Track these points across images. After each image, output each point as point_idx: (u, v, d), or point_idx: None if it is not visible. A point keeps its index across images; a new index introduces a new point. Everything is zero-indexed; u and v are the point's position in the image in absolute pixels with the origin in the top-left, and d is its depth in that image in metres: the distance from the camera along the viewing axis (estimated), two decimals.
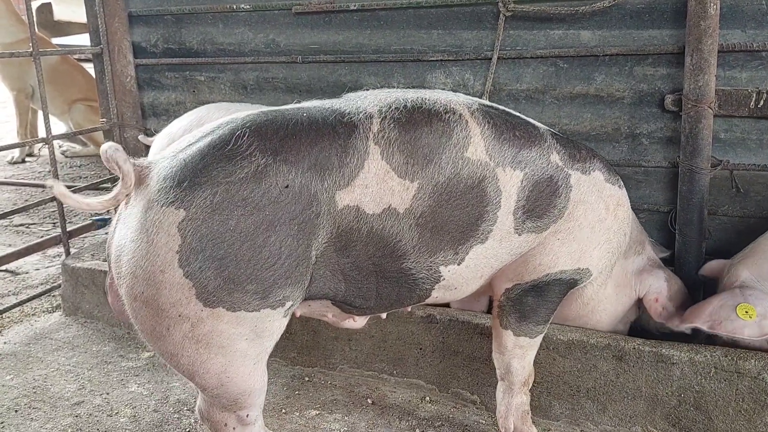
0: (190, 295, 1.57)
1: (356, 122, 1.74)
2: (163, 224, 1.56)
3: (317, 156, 1.66)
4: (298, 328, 2.74)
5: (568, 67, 2.76)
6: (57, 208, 3.42)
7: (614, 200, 2.09)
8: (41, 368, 2.85)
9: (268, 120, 1.69)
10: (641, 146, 2.74)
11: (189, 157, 1.62)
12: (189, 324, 1.61)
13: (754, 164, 2.58)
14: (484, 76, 2.89)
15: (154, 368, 2.82)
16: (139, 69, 3.60)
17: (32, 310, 3.43)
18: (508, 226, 1.90)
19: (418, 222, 1.77)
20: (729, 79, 2.54)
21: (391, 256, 1.79)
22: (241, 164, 1.59)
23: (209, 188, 1.56)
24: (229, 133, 1.64)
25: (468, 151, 1.81)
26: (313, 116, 1.72)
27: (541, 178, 1.92)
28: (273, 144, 1.63)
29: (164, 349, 1.67)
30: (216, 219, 1.56)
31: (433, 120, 1.80)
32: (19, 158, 6.91)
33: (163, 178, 1.60)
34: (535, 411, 2.37)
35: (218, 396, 1.76)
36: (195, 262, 1.55)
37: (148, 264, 1.57)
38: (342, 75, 3.16)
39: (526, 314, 2.06)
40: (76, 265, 3.26)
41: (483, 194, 1.83)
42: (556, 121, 2.82)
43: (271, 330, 1.70)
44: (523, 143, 1.90)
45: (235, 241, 1.57)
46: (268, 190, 1.59)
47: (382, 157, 1.72)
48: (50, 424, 2.45)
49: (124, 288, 1.63)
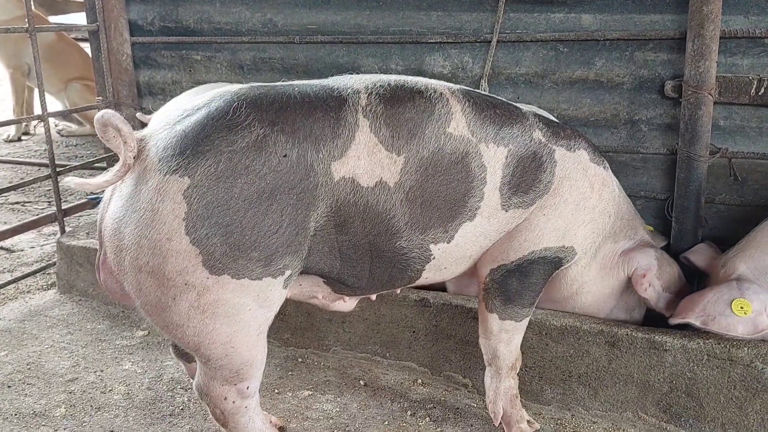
0: (197, 263, 1.59)
1: (345, 96, 1.78)
2: (168, 192, 1.57)
3: (312, 127, 1.69)
4: (292, 310, 2.74)
5: (568, 51, 2.74)
6: (52, 186, 3.41)
7: (599, 180, 2.12)
8: (35, 345, 2.85)
9: (261, 93, 1.72)
10: (640, 133, 2.72)
11: (188, 127, 1.63)
12: (195, 293, 1.62)
13: (753, 152, 2.57)
14: (483, 59, 2.87)
15: (148, 347, 2.82)
16: (136, 47, 3.57)
17: (27, 288, 3.43)
18: (494, 202, 1.93)
19: (408, 197, 1.81)
20: (730, 65, 2.53)
21: (386, 234, 1.82)
22: (241, 134, 1.62)
23: (212, 156, 1.59)
24: (226, 105, 1.66)
25: (450, 127, 1.85)
26: (304, 91, 1.76)
27: (525, 154, 1.96)
28: (270, 115, 1.66)
29: (169, 320, 1.68)
30: (221, 186, 1.58)
31: (416, 96, 1.85)
32: (15, 136, 6.88)
33: (163, 148, 1.61)
34: (526, 395, 2.38)
35: (222, 367, 1.77)
36: (201, 229, 1.58)
37: (153, 233, 1.58)
38: (340, 56, 3.14)
39: (511, 297, 2.07)
40: (71, 244, 3.26)
41: (467, 170, 1.87)
42: (554, 106, 2.80)
43: (272, 300, 1.73)
44: (504, 121, 1.94)
45: (240, 208, 1.60)
46: (269, 159, 1.63)
47: (370, 129, 1.76)
48: (44, 400, 2.45)
49: (128, 260, 1.63)
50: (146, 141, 1.65)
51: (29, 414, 2.38)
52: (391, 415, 2.36)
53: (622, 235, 2.33)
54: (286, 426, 2.29)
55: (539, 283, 2.10)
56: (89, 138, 6.91)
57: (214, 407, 1.87)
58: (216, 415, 1.88)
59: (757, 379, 2.11)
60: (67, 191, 5.02)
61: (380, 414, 2.37)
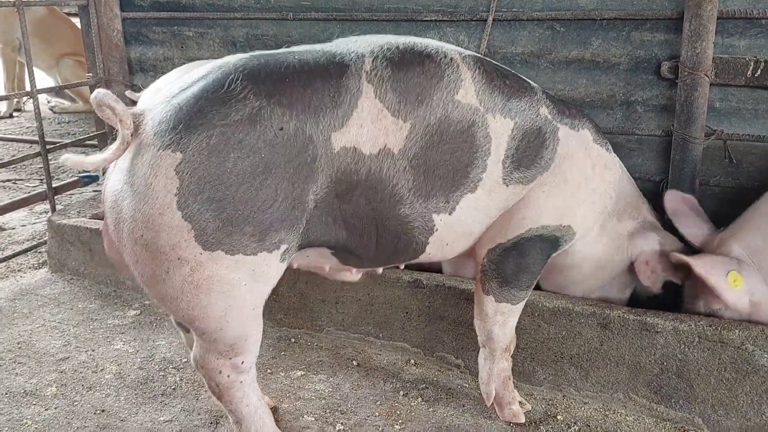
0: (189, 238, 1.59)
1: (348, 62, 1.75)
2: (161, 167, 1.57)
3: (311, 98, 1.67)
4: (285, 291, 2.73)
5: (565, 30, 2.71)
6: (43, 164, 3.37)
7: (602, 161, 2.11)
8: (26, 324, 2.84)
9: (260, 64, 1.69)
10: (635, 114, 2.70)
11: (183, 101, 1.62)
12: (188, 267, 1.62)
13: (748, 134, 2.56)
14: (478, 38, 2.84)
15: (139, 326, 2.82)
16: (126, 23, 3.52)
17: (18, 266, 3.41)
18: (496, 175, 1.91)
19: (412, 164, 1.79)
20: (727, 46, 2.50)
21: (390, 201, 1.80)
22: (235, 107, 1.61)
23: (205, 131, 1.58)
24: (223, 77, 1.65)
25: (458, 94, 1.82)
26: (304, 59, 1.73)
27: (530, 128, 1.94)
28: (266, 87, 1.64)
29: (164, 293, 1.68)
30: (213, 161, 1.57)
31: (425, 61, 1.81)
32: (6, 113, 6.82)
33: (158, 122, 1.61)
34: (518, 376, 2.38)
35: (216, 341, 1.77)
36: (193, 204, 1.57)
37: (147, 207, 1.58)
38: (333, 33, 3.09)
39: (508, 279, 2.06)
40: (62, 222, 3.23)
41: (473, 139, 1.85)
42: (550, 86, 2.77)
43: (268, 274, 1.73)
44: (513, 92, 1.91)
45: (233, 183, 1.58)
46: (263, 133, 1.61)
47: (375, 95, 1.74)
48: (35, 379, 2.45)
49: (125, 232, 1.64)
50: (144, 115, 1.65)
51: (20, 393, 2.37)
52: (384, 395, 2.37)
53: (626, 215, 2.32)
54: (278, 406, 2.29)
55: (537, 265, 2.09)
56: (82, 115, 6.84)
57: (209, 380, 1.87)
58: (212, 387, 1.89)
59: (748, 361, 2.11)
60: (59, 169, 4.97)
61: (373, 394, 2.37)
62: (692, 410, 2.21)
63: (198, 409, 2.28)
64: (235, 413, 1.91)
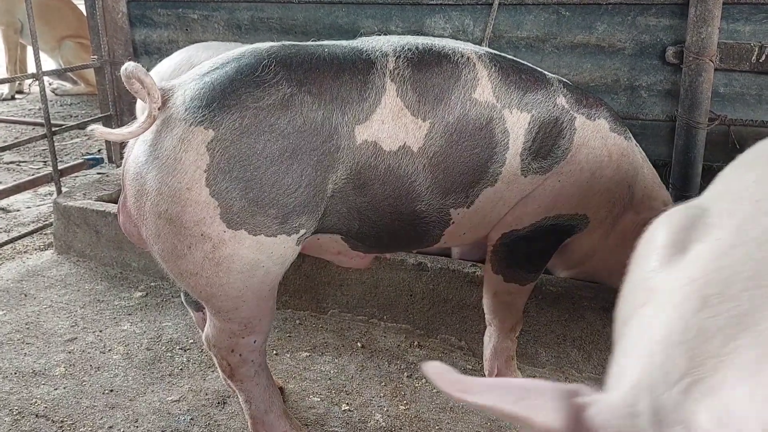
0: (215, 215, 1.61)
1: (373, 59, 1.78)
2: (192, 143, 1.59)
3: (339, 89, 1.70)
4: (291, 273, 2.76)
5: (570, 15, 2.71)
6: (48, 146, 3.38)
7: (618, 150, 2.10)
8: (34, 305, 2.87)
9: (292, 52, 1.72)
10: (640, 99, 2.71)
11: (216, 80, 1.64)
12: (211, 244, 1.64)
13: (752, 120, 2.57)
14: (484, 22, 2.84)
15: (146, 307, 2.84)
16: (131, 5, 3.52)
17: (24, 248, 3.43)
18: (515, 167, 1.94)
19: (431, 162, 1.82)
20: (732, 32, 2.51)
21: (407, 197, 1.83)
22: (268, 91, 1.63)
23: (238, 111, 1.60)
24: (256, 62, 1.67)
25: (476, 93, 1.85)
26: (333, 52, 1.76)
27: (547, 120, 1.95)
28: (298, 75, 1.67)
29: (184, 269, 1.70)
30: (244, 141, 1.60)
31: (443, 61, 1.84)
32: (9, 95, 6.81)
33: (190, 98, 1.62)
34: (522, 358, 2.41)
35: (231, 320, 1.80)
36: (222, 182, 1.59)
37: (174, 181, 1.60)
38: (339, 17, 3.10)
39: (519, 261, 2.08)
40: (68, 204, 3.25)
41: (491, 136, 1.87)
42: (555, 71, 2.78)
43: (285, 257, 1.75)
44: (529, 86, 1.93)
45: (261, 165, 1.61)
46: (293, 119, 1.64)
47: (397, 94, 1.77)
48: (43, 359, 2.48)
49: (149, 205, 1.65)
50: (174, 91, 1.67)
51: (29, 373, 2.40)
52: (388, 376, 2.40)
53: (644, 206, 2.29)
54: (285, 386, 2.33)
55: (548, 250, 2.11)
56: (84, 97, 6.84)
57: (221, 359, 1.90)
58: (223, 367, 1.91)
59: None
60: (63, 151, 4.99)
61: (377, 375, 2.40)
62: None
63: (205, 389, 2.32)
64: (246, 392, 1.94)
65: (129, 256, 3.09)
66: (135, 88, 1.60)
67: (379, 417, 2.19)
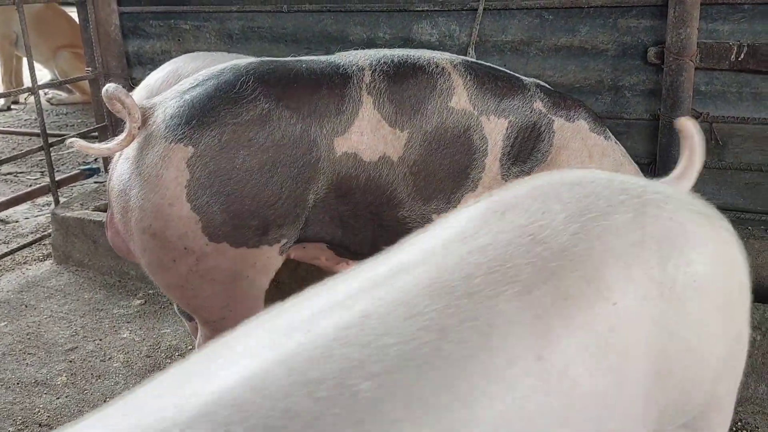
0: (197, 229, 1.66)
1: (350, 73, 1.83)
2: (173, 159, 1.64)
3: (317, 103, 1.75)
4: (286, 278, 2.80)
5: (553, 18, 2.77)
6: (45, 157, 3.43)
7: (599, 149, 2.15)
8: (34, 315, 2.92)
9: (270, 68, 1.77)
10: (623, 98, 2.77)
11: (195, 97, 1.69)
12: (194, 258, 1.69)
13: (733, 116, 2.62)
14: (470, 27, 2.89)
15: (145, 315, 2.89)
16: (124, 17, 3.57)
17: (23, 259, 3.47)
18: (495, 172, 1.99)
19: (412, 170, 1.87)
20: (711, 31, 2.56)
21: (388, 205, 1.88)
22: (246, 107, 1.68)
23: (217, 128, 1.65)
24: (234, 78, 1.72)
25: (452, 101, 1.90)
26: (311, 67, 1.82)
27: (525, 124, 2.00)
28: (276, 90, 1.72)
29: (170, 282, 1.76)
30: (224, 157, 1.64)
31: (418, 72, 1.89)
32: (4, 106, 6.85)
33: (170, 116, 1.67)
34: None
35: (219, 329, 1.84)
36: (203, 197, 1.64)
37: (156, 197, 1.65)
38: (328, 25, 3.15)
39: None
40: (66, 215, 3.30)
41: (470, 142, 1.92)
42: (540, 73, 2.83)
43: (269, 266, 1.80)
44: (505, 92, 1.98)
45: (241, 179, 1.66)
46: (272, 133, 1.68)
47: (374, 106, 1.82)
48: (45, 369, 2.53)
49: (133, 221, 1.70)
50: (154, 108, 1.71)
51: (31, 383, 2.45)
52: None
53: None
54: None
55: None
56: (79, 106, 6.88)
57: None
58: None
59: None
60: (59, 161, 5.03)
61: None
62: None
63: None
64: None
65: (127, 265, 3.14)
66: (116, 108, 1.65)
67: None
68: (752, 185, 2.72)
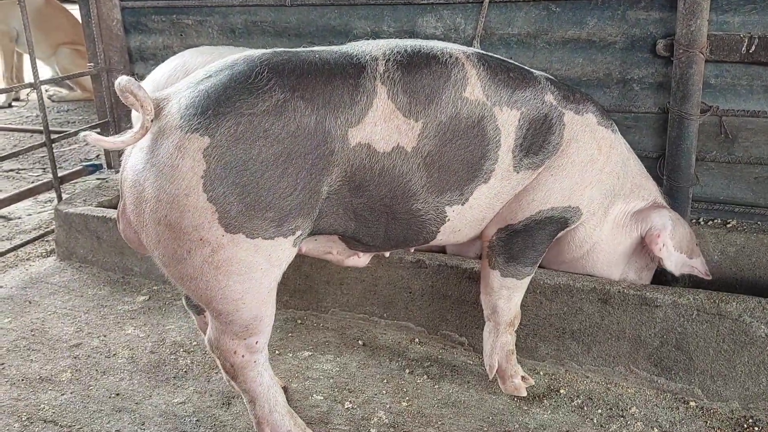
0: (213, 219, 1.65)
1: (364, 63, 1.82)
2: (189, 150, 1.62)
3: (331, 94, 1.74)
4: (291, 273, 2.79)
5: (561, 10, 2.74)
6: (47, 153, 3.41)
7: (606, 142, 2.16)
8: (38, 311, 2.90)
9: (284, 59, 1.76)
10: (632, 92, 2.74)
11: (210, 88, 1.68)
12: (209, 248, 1.68)
13: (743, 110, 2.60)
14: (475, 20, 2.87)
15: (149, 311, 2.87)
16: (126, 12, 3.54)
17: (27, 255, 3.46)
18: (507, 164, 1.98)
19: (426, 161, 1.86)
20: (721, 23, 2.53)
21: (402, 197, 1.87)
22: (262, 98, 1.67)
23: (233, 118, 1.64)
24: (249, 69, 1.71)
25: (466, 92, 1.89)
26: (324, 58, 1.80)
27: (536, 116, 2.00)
28: (290, 81, 1.71)
29: (184, 273, 1.74)
30: (240, 147, 1.63)
31: (432, 62, 1.88)
32: (5, 103, 6.84)
33: (185, 107, 1.66)
34: (522, 352, 2.44)
35: (232, 322, 1.83)
36: (219, 188, 1.63)
37: (172, 188, 1.63)
38: (331, 19, 3.12)
39: (515, 255, 2.12)
40: (69, 211, 3.27)
41: (483, 133, 1.91)
42: (547, 66, 2.81)
43: (283, 258, 1.79)
44: (517, 84, 1.97)
45: (257, 170, 1.65)
46: (287, 124, 1.67)
47: (388, 96, 1.80)
48: (50, 365, 2.51)
49: (148, 212, 1.69)
50: (168, 99, 1.70)
51: (36, 379, 2.43)
52: (390, 373, 2.43)
53: (633, 196, 2.34)
54: (288, 386, 2.36)
55: (543, 243, 2.15)
56: (80, 103, 6.87)
57: (224, 361, 1.93)
58: (226, 368, 1.94)
59: (745, 332, 2.17)
60: (61, 158, 5.01)
61: (379, 372, 2.43)
62: (692, 381, 2.27)
63: (210, 390, 2.34)
64: (249, 392, 1.97)
65: (131, 261, 3.12)
66: (129, 101, 1.63)
67: (382, 414, 2.22)
68: (762, 179, 2.69)
